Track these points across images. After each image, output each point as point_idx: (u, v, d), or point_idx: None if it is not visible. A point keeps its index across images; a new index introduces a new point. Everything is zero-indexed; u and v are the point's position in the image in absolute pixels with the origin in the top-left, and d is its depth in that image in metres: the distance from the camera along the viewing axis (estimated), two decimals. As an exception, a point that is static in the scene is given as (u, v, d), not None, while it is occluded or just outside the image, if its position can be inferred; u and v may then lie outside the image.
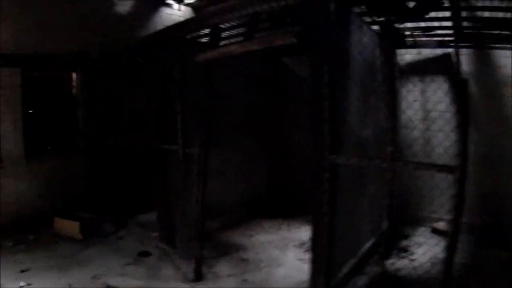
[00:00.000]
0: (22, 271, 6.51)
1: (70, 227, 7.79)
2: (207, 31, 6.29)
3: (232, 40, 7.20)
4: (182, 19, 9.54)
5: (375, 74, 6.46)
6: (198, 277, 6.26)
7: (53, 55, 8.30)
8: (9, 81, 7.89)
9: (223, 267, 6.79)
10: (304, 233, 8.10)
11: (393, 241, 7.27)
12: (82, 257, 7.08)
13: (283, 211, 9.11)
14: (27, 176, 8.24)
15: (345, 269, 5.61)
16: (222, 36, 6.42)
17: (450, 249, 3.92)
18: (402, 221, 7.92)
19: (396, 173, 7.07)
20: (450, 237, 3.94)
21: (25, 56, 7.98)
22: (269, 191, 9.44)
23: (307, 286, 4.97)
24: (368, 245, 6.56)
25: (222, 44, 6.30)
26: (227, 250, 7.36)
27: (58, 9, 8.31)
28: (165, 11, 10.13)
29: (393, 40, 6.89)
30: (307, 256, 6.76)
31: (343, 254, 5.44)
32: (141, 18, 9.55)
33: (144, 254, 7.21)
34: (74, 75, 9.00)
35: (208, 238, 7.05)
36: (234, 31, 7.02)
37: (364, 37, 5.70)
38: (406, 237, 7.68)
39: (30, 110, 8.37)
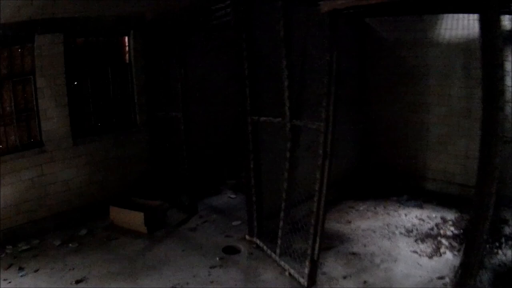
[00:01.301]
0: (77, 281, 4.17)
1: (132, 218, 5.35)
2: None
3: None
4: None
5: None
6: (311, 282, 3.99)
7: (102, 17, 5.81)
8: (50, 49, 5.46)
9: (333, 265, 4.52)
10: (405, 217, 5.76)
11: (497, 227, 5.25)
12: (152, 258, 4.70)
13: (374, 190, 6.62)
14: (75, 160, 5.80)
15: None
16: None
17: None
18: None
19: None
20: None
21: (68, 20, 5.52)
22: (358, 169, 6.93)
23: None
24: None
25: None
26: (330, 242, 4.95)
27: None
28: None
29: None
30: (420, 246, 4.95)
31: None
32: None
33: (231, 250, 4.84)
34: (126, 41, 6.40)
35: (302, 226, 4.74)
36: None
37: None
38: (505, 221, 5.36)
39: (76, 82, 5.94)
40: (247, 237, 5.01)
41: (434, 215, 5.79)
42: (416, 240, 5.09)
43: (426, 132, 6.51)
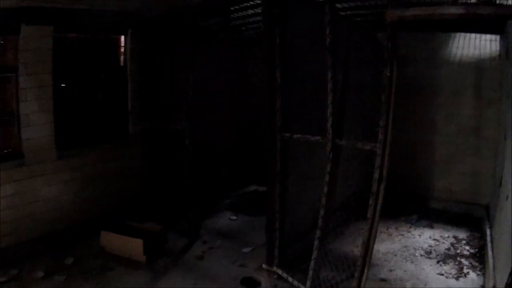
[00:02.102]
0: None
1: (128, 245, 4.43)
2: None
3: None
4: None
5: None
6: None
7: (98, 12, 4.88)
8: (38, 43, 4.49)
9: (368, 295, 3.87)
10: (419, 238, 5.33)
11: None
12: (161, 295, 3.85)
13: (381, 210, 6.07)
14: (59, 175, 4.81)
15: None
16: None
17: None
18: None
19: None
20: None
21: (60, 11, 4.57)
22: (363, 189, 6.32)
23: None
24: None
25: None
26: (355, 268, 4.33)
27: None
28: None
29: None
30: (444, 268, 4.61)
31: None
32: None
33: (250, 283, 4.06)
34: (122, 40, 5.49)
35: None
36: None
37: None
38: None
39: (63, 84, 4.96)
40: (264, 266, 4.24)
41: (446, 235, 5.44)
42: (438, 262, 4.74)
43: (433, 150, 6.13)
